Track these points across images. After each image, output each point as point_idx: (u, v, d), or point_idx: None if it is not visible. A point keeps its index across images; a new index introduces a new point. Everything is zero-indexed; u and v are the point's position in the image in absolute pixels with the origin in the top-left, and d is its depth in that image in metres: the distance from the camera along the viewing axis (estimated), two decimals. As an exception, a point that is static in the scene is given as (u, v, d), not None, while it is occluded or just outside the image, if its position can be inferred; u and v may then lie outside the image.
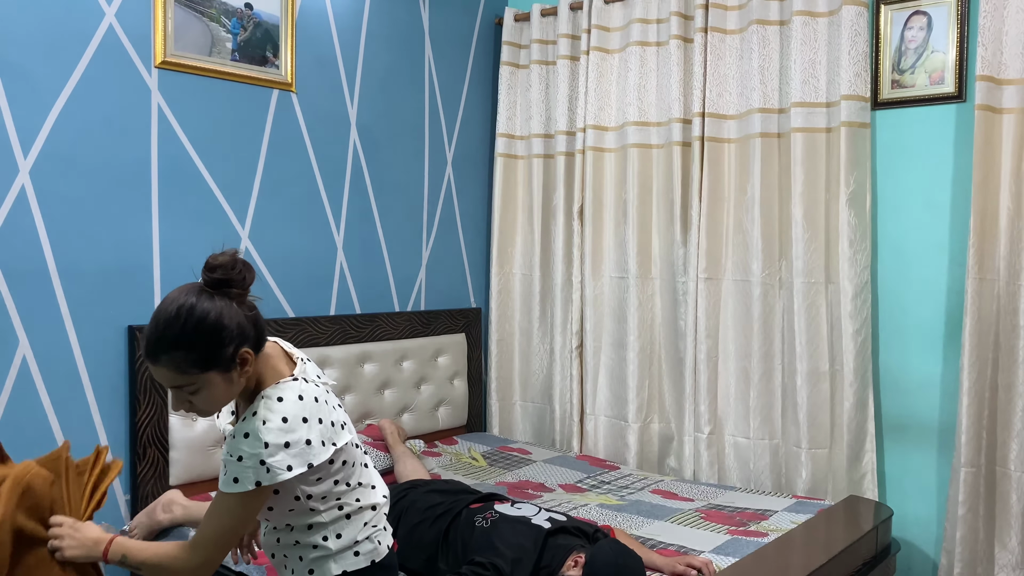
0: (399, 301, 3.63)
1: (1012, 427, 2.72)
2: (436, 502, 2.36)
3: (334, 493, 1.57)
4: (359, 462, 1.64)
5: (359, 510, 1.62)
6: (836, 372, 3.07)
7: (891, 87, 3.04)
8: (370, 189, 3.48)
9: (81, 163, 2.61)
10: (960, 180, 2.91)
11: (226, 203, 2.99)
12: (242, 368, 1.47)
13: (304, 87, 3.21)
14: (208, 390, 1.46)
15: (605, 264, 3.63)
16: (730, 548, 2.40)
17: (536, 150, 3.85)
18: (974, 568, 2.78)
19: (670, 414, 3.49)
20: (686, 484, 3.13)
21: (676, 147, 3.38)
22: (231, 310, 1.44)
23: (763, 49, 3.20)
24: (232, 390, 1.49)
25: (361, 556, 1.62)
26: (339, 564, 1.60)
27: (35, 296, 2.52)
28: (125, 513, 2.73)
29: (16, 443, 2.49)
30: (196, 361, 1.43)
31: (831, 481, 3.08)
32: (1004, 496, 2.75)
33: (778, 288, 3.22)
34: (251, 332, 1.47)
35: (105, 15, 2.65)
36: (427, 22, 3.70)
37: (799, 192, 3.09)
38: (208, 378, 1.44)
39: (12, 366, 2.48)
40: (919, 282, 3.01)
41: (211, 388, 1.46)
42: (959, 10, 2.89)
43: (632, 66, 3.50)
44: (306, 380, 1.54)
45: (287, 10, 3.12)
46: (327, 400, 1.55)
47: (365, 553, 1.62)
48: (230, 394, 1.49)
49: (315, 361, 3.12)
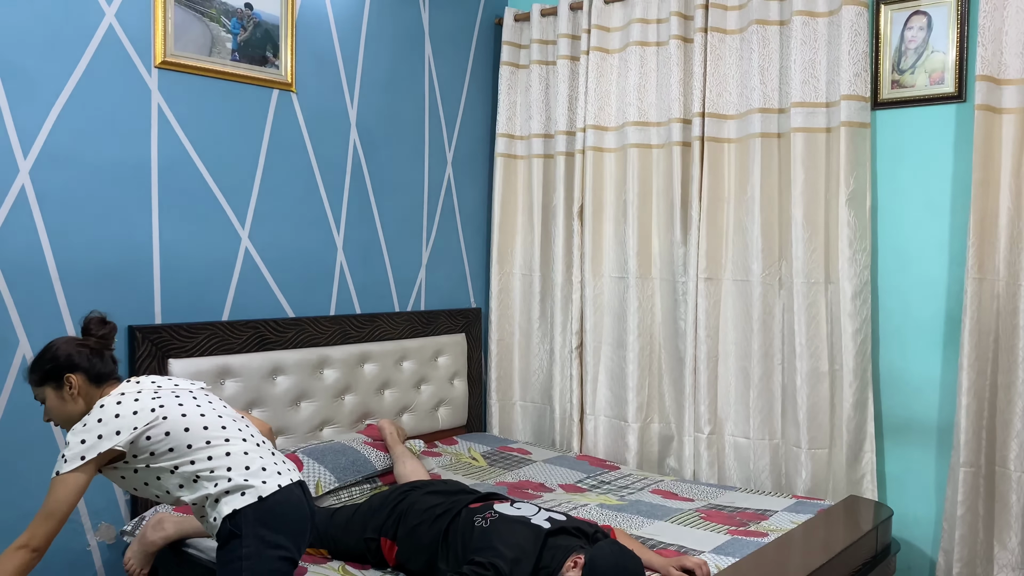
0: (399, 301, 3.63)
1: (1012, 427, 2.72)
2: (435, 503, 2.36)
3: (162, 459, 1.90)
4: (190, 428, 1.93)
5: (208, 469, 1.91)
6: (836, 372, 3.07)
7: (891, 87, 3.04)
8: (370, 189, 3.48)
9: (81, 163, 2.61)
10: (960, 180, 2.91)
11: (226, 203, 2.99)
12: (69, 389, 1.91)
13: (304, 87, 3.21)
14: (48, 401, 1.94)
15: (605, 264, 3.63)
16: (730, 548, 2.40)
17: (536, 150, 3.85)
18: (973, 568, 2.78)
19: (670, 414, 3.49)
20: (686, 484, 3.13)
21: (676, 147, 3.38)
22: (69, 347, 1.93)
23: (763, 49, 3.20)
24: (66, 406, 1.93)
25: (247, 495, 1.89)
26: (228, 505, 1.88)
27: (35, 296, 2.52)
28: (125, 514, 2.73)
29: (16, 443, 2.50)
30: (36, 379, 1.95)
31: (831, 481, 3.08)
32: (1003, 496, 2.75)
33: (778, 288, 3.22)
34: (83, 364, 1.92)
35: (105, 15, 2.65)
36: (427, 22, 3.70)
37: (799, 192, 3.09)
38: (45, 391, 1.93)
39: (12, 366, 2.48)
40: (919, 282, 3.01)
41: (49, 400, 1.94)
42: (959, 10, 2.89)
43: (632, 66, 3.50)
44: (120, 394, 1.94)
45: (287, 10, 3.12)
46: (136, 400, 1.91)
47: (250, 492, 1.89)
48: (65, 408, 1.93)
49: (315, 361, 3.14)
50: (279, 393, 3.04)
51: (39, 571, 2.52)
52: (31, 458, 2.51)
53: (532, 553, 2.10)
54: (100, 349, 1.98)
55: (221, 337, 2.91)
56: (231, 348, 2.93)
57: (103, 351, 1.98)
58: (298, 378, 3.10)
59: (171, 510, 2.58)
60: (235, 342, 2.94)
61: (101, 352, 1.98)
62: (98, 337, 1.99)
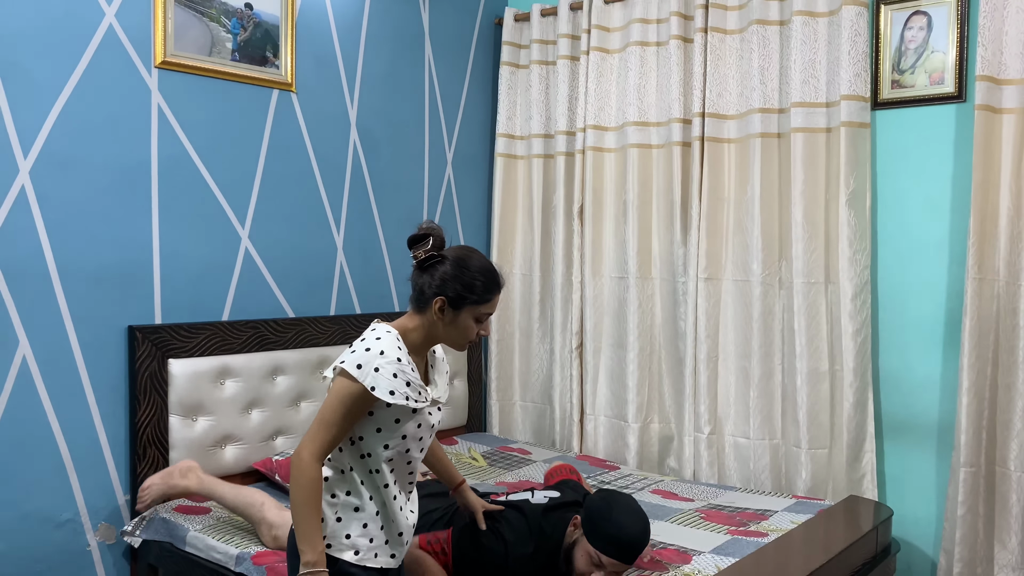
0: (399, 301, 3.63)
1: (1012, 427, 2.72)
2: (432, 508, 2.36)
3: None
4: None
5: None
6: (836, 372, 3.07)
7: (891, 87, 3.04)
8: (370, 189, 3.48)
9: (81, 163, 2.61)
10: (960, 180, 2.91)
11: (226, 203, 2.99)
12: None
13: (304, 87, 3.21)
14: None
15: (605, 264, 3.63)
16: (730, 548, 2.40)
17: (536, 150, 3.85)
18: (974, 568, 2.78)
19: (670, 414, 3.49)
20: (686, 484, 3.13)
21: (676, 147, 3.38)
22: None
23: (763, 49, 3.20)
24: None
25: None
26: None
27: (35, 296, 2.52)
28: (125, 514, 2.73)
29: (16, 443, 2.49)
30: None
31: (831, 481, 3.08)
32: (1004, 496, 2.75)
33: (778, 288, 3.22)
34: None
35: (105, 15, 2.65)
36: (427, 22, 3.70)
37: (799, 192, 3.09)
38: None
39: (12, 366, 2.48)
40: (919, 282, 3.01)
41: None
42: (959, 10, 2.89)
43: (632, 66, 3.50)
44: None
45: (287, 10, 3.12)
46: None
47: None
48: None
49: (315, 361, 3.14)
50: (279, 393, 3.04)
51: (39, 571, 2.53)
52: (31, 458, 2.51)
53: (535, 531, 2.17)
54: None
55: (221, 337, 2.91)
56: (231, 348, 2.93)
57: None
58: (298, 378, 3.10)
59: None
60: (235, 342, 2.94)
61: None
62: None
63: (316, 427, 1.69)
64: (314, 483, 1.67)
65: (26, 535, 2.50)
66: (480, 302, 1.78)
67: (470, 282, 1.76)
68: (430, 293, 1.75)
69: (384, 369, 1.69)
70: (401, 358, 1.72)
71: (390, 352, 1.71)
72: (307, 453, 1.67)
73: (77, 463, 2.61)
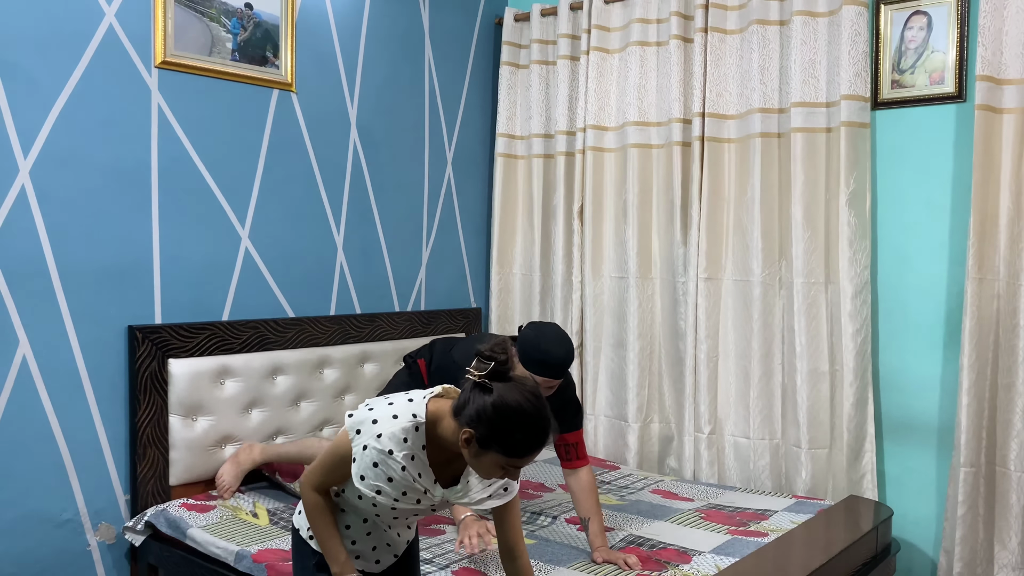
0: (399, 301, 3.63)
1: (1012, 427, 2.72)
2: None
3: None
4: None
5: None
6: (836, 372, 3.07)
7: (891, 87, 3.04)
8: (370, 189, 3.48)
9: (81, 163, 2.61)
10: (960, 180, 2.91)
11: (226, 203, 2.99)
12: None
13: (304, 87, 3.21)
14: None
15: (605, 264, 3.63)
16: (730, 548, 2.40)
17: (536, 150, 3.85)
18: (974, 568, 2.78)
19: (670, 414, 3.49)
20: (686, 484, 3.13)
21: (676, 147, 3.38)
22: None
23: (763, 49, 3.20)
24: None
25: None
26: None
27: (35, 296, 2.52)
28: (125, 514, 2.73)
29: (16, 443, 2.50)
30: None
31: (831, 481, 3.08)
32: (1004, 496, 2.75)
33: (778, 288, 3.22)
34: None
35: (105, 15, 2.65)
36: (427, 22, 3.70)
37: (799, 192, 3.09)
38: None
39: (12, 366, 2.48)
40: (919, 282, 3.01)
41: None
42: (959, 10, 2.89)
43: (632, 66, 3.50)
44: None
45: (287, 10, 3.12)
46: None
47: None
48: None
49: (315, 361, 3.15)
50: (279, 393, 3.04)
51: (39, 571, 2.54)
52: (31, 458, 2.51)
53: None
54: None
55: (221, 337, 2.91)
56: (231, 348, 2.93)
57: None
58: (298, 378, 3.10)
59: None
60: (235, 342, 2.94)
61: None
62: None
63: (317, 464, 1.73)
64: (317, 506, 1.73)
65: (26, 535, 2.50)
66: (510, 456, 1.53)
67: (506, 435, 1.51)
68: (463, 419, 1.54)
69: (370, 452, 1.59)
70: (395, 451, 1.58)
71: (388, 441, 1.58)
72: (307, 483, 1.74)
73: (77, 463, 2.61)
